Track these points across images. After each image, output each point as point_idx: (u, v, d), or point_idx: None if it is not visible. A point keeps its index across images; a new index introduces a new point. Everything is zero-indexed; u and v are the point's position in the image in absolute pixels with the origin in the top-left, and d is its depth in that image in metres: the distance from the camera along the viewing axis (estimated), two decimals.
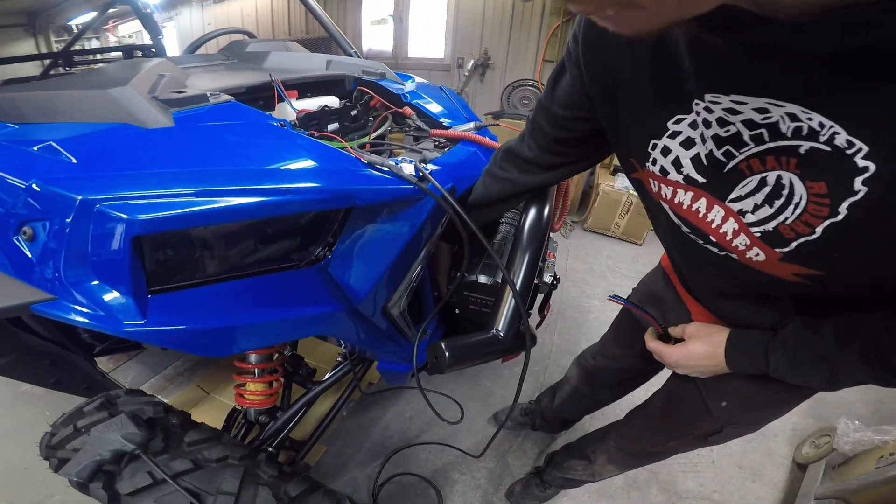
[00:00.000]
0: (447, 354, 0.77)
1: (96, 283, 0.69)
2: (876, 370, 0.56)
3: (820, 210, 0.46)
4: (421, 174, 0.86)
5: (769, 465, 1.79)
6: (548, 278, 1.13)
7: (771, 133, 0.47)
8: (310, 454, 1.37)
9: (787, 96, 0.44)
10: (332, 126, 1.23)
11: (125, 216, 0.64)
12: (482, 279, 1.01)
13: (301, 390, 1.30)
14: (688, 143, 0.56)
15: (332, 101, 1.31)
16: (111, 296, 0.69)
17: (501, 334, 0.84)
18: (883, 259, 0.46)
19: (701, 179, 0.56)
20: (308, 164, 0.80)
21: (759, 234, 0.52)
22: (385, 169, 0.85)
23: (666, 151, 0.58)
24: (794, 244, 0.50)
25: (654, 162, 0.60)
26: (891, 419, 2.00)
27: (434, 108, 1.47)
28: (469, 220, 0.85)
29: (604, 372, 1.30)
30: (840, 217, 0.45)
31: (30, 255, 0.69)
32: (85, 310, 0.69)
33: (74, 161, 0.71)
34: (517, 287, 0.88)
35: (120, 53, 3.79)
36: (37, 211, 0.67)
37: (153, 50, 3.32)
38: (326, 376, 1.33)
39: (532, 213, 0.96)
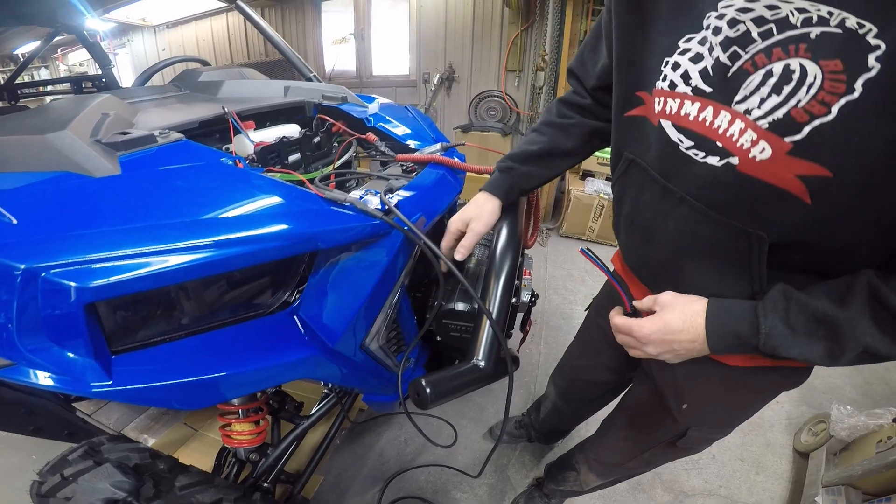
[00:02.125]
0: (428, 391, 0.76)
1: (56, 348, 0.64)
2: (886, 327, 0.51)
3: (836, 87, 0.46)
4: (387, 207, 0.83)
5: (770, 455, 1.81)
6: (525, 297, 1.11)
7: (779, 26, 0.50)
8: (307, 486, 1.32)
9: None
10: (294, 157, 1.18)
11: (74, 284, 0.60)
12: (459, 307, 0.98)
13: (290, 424, 1.25)
14: (696, 58, 0.58)
15: (292, 131, 1.27)
16: (74, 358, 0.65)
17: (482, 364, 0.82)
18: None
19: (708, 89, 0.57)
20: (265, 207, 0.76)
21: (767, 126, 0.52)
22: (348, 204, 0.82)
23: (676, 66, 0.61)
24: (806, 129, 0.49)
25: (665, 78, 0.62)
26: (880, 401, 2.07)
27: (399, 130, 1.44)
28: (435, 250, 0.83)
29: (578, 388, 1.29)
30: (856, 94, 0.45)
31: None
32: (48, 374, 0.65)
33: (15, 221, 0.66)
34: (493, 314, 0.86)
35: (68, 85, 3.66)
36: None
37: (104, 80, 3.21)
38: (314, 410, 1.29)
39: (503, 235, 0.94)
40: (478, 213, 0.93)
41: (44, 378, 0.65)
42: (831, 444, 1.65)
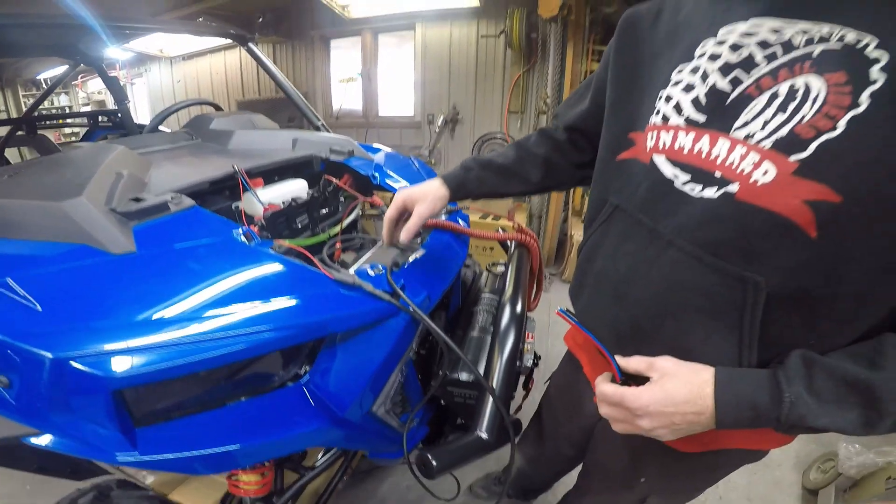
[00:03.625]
0: (434, 463, 0.80)
1: (83, 422, 0.69)
2: None
3: (841, 100, 0.45)
4: (393, 290, 0.86)
5: (778, 494, 1.79)
6: (528, 361, 1.12)
7: (784, 49, 0.50)
8: None
9: (796, 13, 0.50)
10: (301, 218, 1.21)
11: (101, 373, 0.64)
12: (463, 377, 0.99)
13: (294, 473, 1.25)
14: (688, 88, 0.59)
15: (300, 188, 1.30)
16: (100, 431, 0.69)
17: (485, 436, 0.84)
18: None
19: (702, 118, 0.57)
20: (276, 295, 0.79)
21: (770, 145, 0.49)
22: (356, 286, 0.84)
23: (668, 99, 0.61)
24: (813, 146, 0.46)
25: (658, 112, 0.62)
26: (890, 439, 2.04)
27: (404, 186, 1.47)
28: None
29: (543, 458, 1.27)
30: (863, 107, 0.44)
31: (10, 399, 0.68)
32: (75, 443, 0.69)
33: (39, 309, 0.69)
34: (496, 388, 0.88)
35: (84, 119, 3.77)
36: (8, 362, 0.66)
37: (119, 116, 3.31)
38: (319, 460, 1.27)
39: (507, 309, 0.96)
40: (424, 195, 0.91)
41: (71, 447, 0.69)
42: (840, 481, 1.64)
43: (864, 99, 0.44)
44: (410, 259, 1.02)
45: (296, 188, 1.32)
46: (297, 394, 0.83)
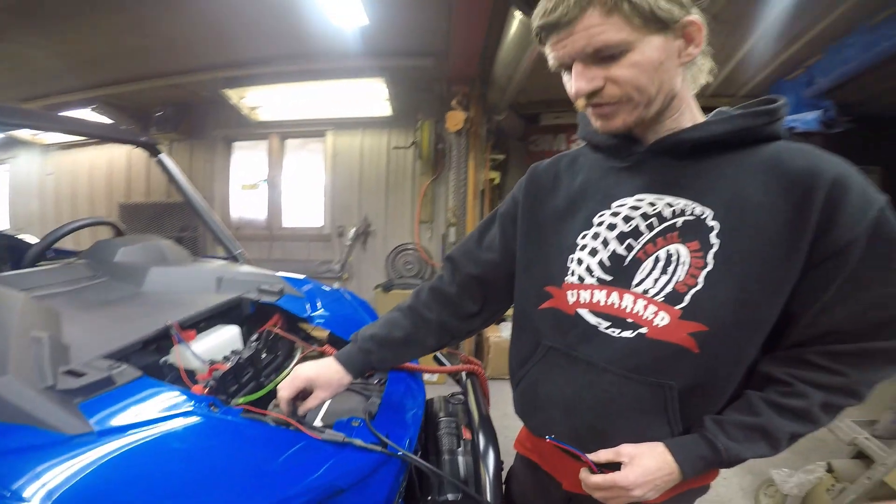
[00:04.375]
0: None
1: None
2: (794, 417, 0.69)
3: (698, 262, 0.67)
4: (381, 441, 0.89)
5: None
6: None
7: (659, 220, 0.71)
8: None
9: (664, 190, 0.71)
10: (247, 374, 1.19)
11: None
12: (450, 497, 1.02)
13: None
14: (593, 252, 0.77)
15: (234, 340, 1.28)
16: None
17: None
18: (742, 300, 0.65)
19: (608, 278, 0.75)
20: (272, 464, 0.79)
21: (662, 299, 0.70)
22: (346, 443, 0.86)
23: (580, 262, 0.79)
24: (688, 297, 0.68)
25: (573, 273, 0.79)
26: (805, 452, 2.35)
27: (331, 318, 1.49)
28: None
29: None
30: (710, 266, 0.66)
31: None
32: None
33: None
34: (490, 499, 0.96)
35: None
36: None
37: None
38: None
39: (482, 433, 1.09)
40: (328, 383, 0.96)
41: None
42: (789, 501, 1.94)
43: (710, 259, 0.66)
44: (382, 406, 1.06)
45: (230, 337, 1.30)
46: None
